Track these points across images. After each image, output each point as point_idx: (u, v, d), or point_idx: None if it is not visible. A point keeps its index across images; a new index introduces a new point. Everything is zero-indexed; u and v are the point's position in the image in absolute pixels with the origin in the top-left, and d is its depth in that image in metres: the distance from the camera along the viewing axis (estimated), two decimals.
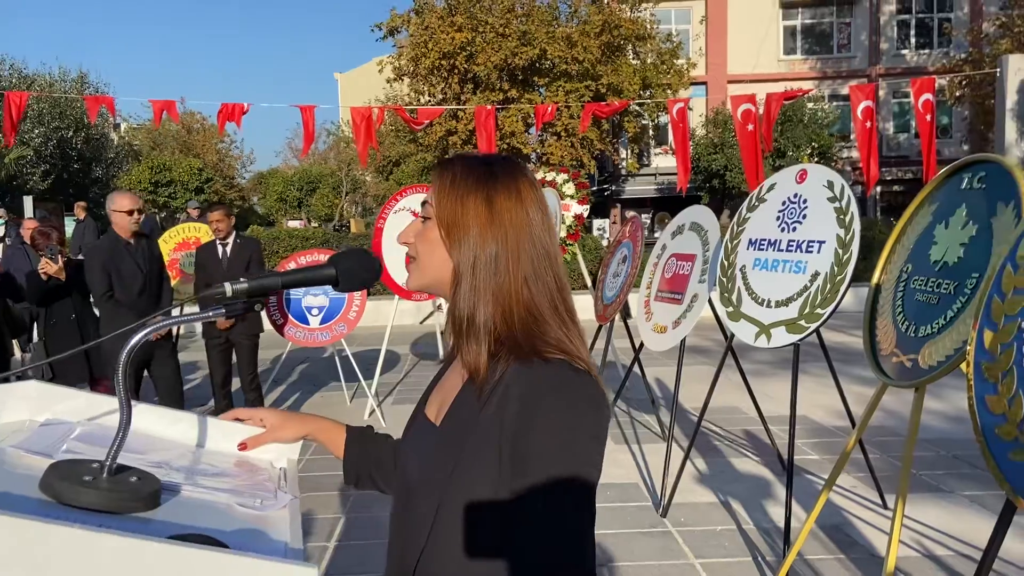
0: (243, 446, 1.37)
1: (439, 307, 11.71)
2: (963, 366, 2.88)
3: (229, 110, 12.66)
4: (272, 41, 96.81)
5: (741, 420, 6.28)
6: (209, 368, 5.93)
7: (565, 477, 1.01)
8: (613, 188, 29.29)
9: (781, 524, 4.12)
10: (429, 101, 20.43)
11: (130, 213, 4.88)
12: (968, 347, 2.57)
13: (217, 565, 0.86)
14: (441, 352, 7.49)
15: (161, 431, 1.37)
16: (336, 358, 7.02)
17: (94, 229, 12.24)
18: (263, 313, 6.32)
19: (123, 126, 33.69)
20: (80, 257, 6.15)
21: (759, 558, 3.80)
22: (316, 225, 30.99)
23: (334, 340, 6.52)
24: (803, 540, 3.53)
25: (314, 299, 6.48)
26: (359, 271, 1.20)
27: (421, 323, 12.23)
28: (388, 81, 20.54)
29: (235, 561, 0.87)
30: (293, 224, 29.77)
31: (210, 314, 1.14)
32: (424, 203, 1.18)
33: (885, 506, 4.38)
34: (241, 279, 1.13)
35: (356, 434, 1.44)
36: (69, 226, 15.50)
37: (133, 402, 1.38)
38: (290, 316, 6.40)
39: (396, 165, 28.49)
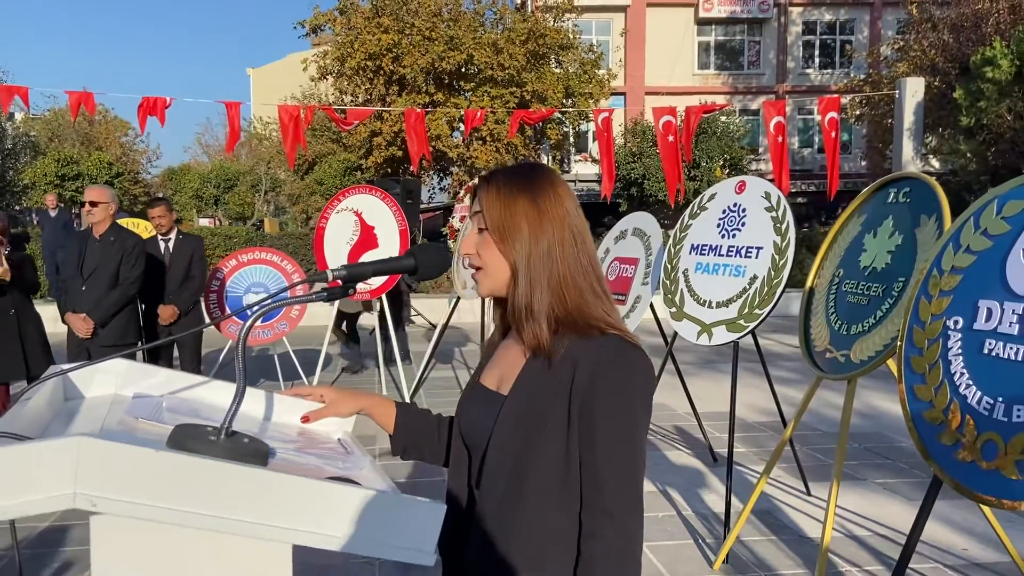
0: (305, 419, 1.51)
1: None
2: (890, 363, 3.23)
3: (151, 104, 12.33)
4: (177, 33, 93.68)
5: (671, 416, 6.62)
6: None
7: (624, 432, 1.25)
8: None
9: (717, 510, 4.45)
10: (352, 101, 20.32)
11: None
12: (898, 343, 2.89)
13: (372, 499, 1.02)
14: (380, 349, 7.58)
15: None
16: (275, 357, 7.01)
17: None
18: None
19: (19, 116, 32.04)
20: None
21: (700, 540, 4.08)
22: (228, 223, 30.22)
23: (276, 338, 6.53)
24: (742, 524, 3.84)
25: (255, 296, 6.48)
26: (435, 261, 1.37)
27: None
28: (312, 80, 20.32)
29: (387, 497, 1.03)
30: (204, 222, 28.92)
31: (313, 297, 1.29)
32: (475, 214, 1.34)
33: (809, 493, 4.75)
34: (340, 266, 1.27)
35: (404, 410, 1.58)
36: None
37: (204, 378, 1.51)
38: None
39: (312, 164, 28.07)
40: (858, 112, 23.12)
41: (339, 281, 1.29)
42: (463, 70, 18.81)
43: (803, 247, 13.24)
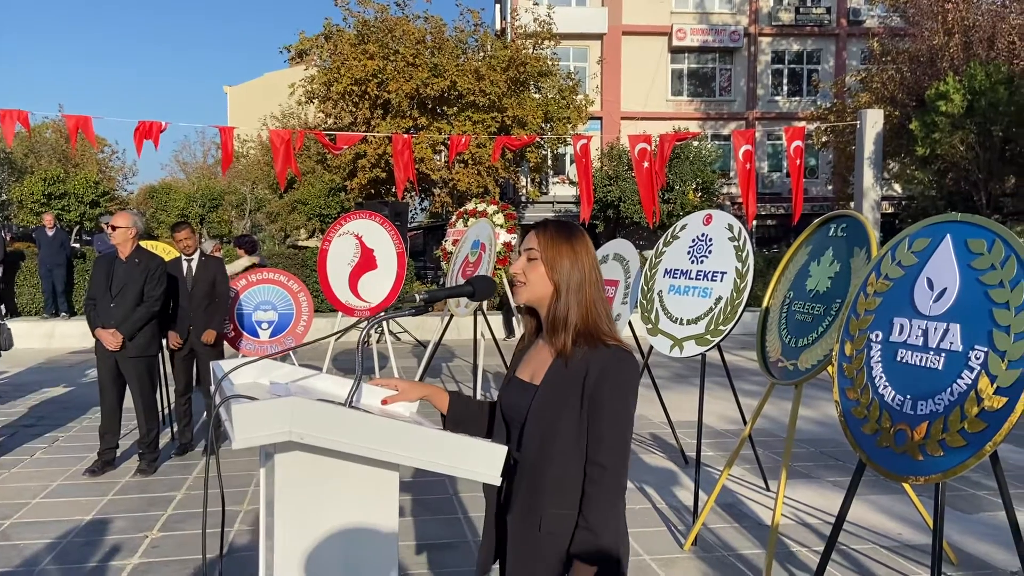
0: (384, 401, 2.08)
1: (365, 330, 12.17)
2: (829, 368, 3.85)
3: (147, 128, 12.76)
4: (152, 51, 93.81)
5: (647, 425, 7.22)
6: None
7: (622, 414, 1.82)
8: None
9: (687, 503, 5.04)
10: (337, 123, 20.88)
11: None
12: (833, 353, 3.52)
13: (456, 439, 1.60)
14: (378, 369, 8.12)
15: (335, 389, 2.06)
16: None
17: (1, 240, 12.11)
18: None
19: None
20: None
21: (672, 528, 4.67)
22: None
23: (283, 353, 7.03)
24: (707, 512, 4.43)
25: (264, 314, 6.99)
26: (486, 288, 1.94)
27: (337, 339, 12.70)
28: (299, 103, 20.87)
29: (465, 439, 1.61)
30: None
31: (407, 313, 1.86)
32: (529, 248, 1.92)
33: (768, 488, 5.36)
34: (424, 290, 1.85)
35: (456, 396, 2.15)
36: None
37: (314, 371, 2.08)
38: (243, 331, 6.89)
39: (292, 183, 28.48)
40: (824, 139, 24.08)
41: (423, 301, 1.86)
42: (446, 96, 19.45)
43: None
